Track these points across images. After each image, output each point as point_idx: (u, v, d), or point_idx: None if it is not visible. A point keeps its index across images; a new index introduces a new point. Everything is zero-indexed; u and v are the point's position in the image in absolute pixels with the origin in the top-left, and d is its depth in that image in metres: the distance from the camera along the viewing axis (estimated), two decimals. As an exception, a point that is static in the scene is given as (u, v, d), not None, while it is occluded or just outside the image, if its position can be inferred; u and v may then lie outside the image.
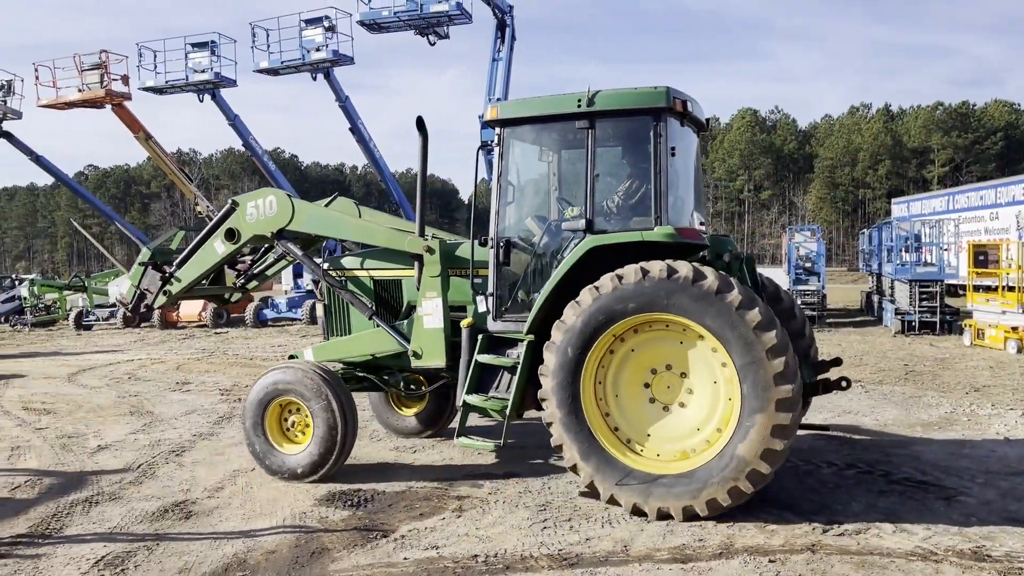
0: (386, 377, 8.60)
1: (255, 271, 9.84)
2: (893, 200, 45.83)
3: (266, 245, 9.31)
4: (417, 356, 7.84)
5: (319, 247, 11.73)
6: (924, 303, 21.08)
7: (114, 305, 28.89)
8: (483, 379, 7.25)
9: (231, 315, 28.31)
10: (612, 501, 6.56)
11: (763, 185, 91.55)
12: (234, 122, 28.37)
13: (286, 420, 7.87)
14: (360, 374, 8.47)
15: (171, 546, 6.13)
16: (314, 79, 26.98)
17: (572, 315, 6.55)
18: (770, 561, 5.57)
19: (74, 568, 5.72)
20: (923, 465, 8.04)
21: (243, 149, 31.09)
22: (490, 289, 7.36)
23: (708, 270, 6.31)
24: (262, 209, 8.27)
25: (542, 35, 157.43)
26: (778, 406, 6.09)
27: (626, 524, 6.41)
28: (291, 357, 8.55)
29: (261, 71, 27.42)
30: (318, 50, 26.05)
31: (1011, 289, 18.17)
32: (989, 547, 5.79)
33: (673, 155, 6.90)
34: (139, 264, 9.05)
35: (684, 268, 6.28)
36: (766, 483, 6.28)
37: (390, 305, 8.41)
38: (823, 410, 10.63)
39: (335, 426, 7.54)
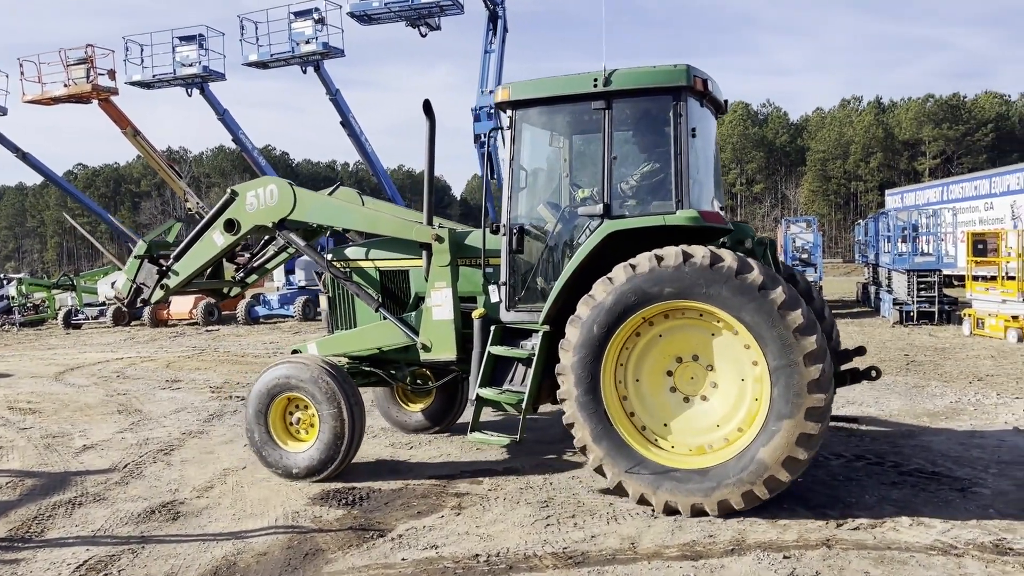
0: (393, 371, 8.25)
1: (254, 264, 9.49)
2: (887, 191, 45.78)
3: (266, 237, 8.99)
4: (426, 349, 7.56)
5: (320, 238, 11.39)
6: (922, 293, 20.89)
7: (103, 304, 28.55)
8: (497, 372, 6.95)
9: (222, 312, 27.96)
10: (619, 488, 6.32)
11: (755, 179, 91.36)
12: (223, 116, 27.98)
13: (291, 415, 7.56)
14: (367, 368, 8.14)
15: (157, 549, 5.86)
16: (304, 72, 26.63)
17: (602, 291, 6.24)
18: (784, 557, 5.34)
19: (54, 573, 5.45)
20: (933, 456, 7.82)
21: (234, 146, 30.70)
22: (503, 278, 7.07)
23: (753, 262, 6.02)
24: (263, 198, 7.95)
25: (535, 29, 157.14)
26: (808, 414, 5.80)
27: (632, 520, 6.17)
28: (295, 351, 8.23)
29: (250, 64, 27.04)
30: (308, 43, 25.67)
31: (1011, 278, 18.00)
32: (1010, 540, 5.56)
33: (694, 136, 6.60)
34: (135, 257, 8.70)
35: (729, 257, 5.97)
36: (781, 491, 6.03)
37: (397, 297, 8.10)
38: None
39: (341, 434, 7.22)
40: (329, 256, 8.33)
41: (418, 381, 8.81)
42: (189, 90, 28.08)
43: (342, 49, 26.23)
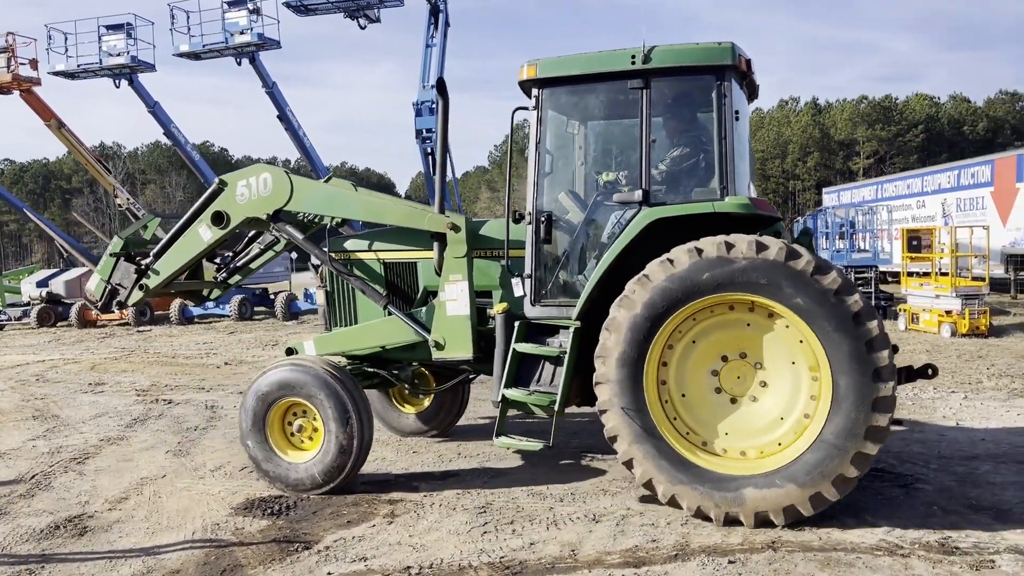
0: (396, 371, 7.67)
1: (238, 263, 8.73)
2: (824, 190, 46.60)
3: (251, 234, 8.32)
4: (439, 347, 6.98)
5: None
6: (859, 288, 21.16)
7: (27, 304, 27.28)
8: (521, 371, 6.44)
9: (155, 312, 26.96)
10: (672, 502, 5.84)
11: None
12: (154, 109, 26.99)
13: (290, 424, 6.92)
14: (369, 369, 7.51)
15: (59, 569, 5.39)
16: (239, 64, 25.88)
17: (642, 289, 5.76)
18: (730, 562, 5.13)
19: (-60, 599, 4.96)
20: (880, 454, 7.73)
21: (169, 142, 29.64)
22: (527, 271, 6.58)
23: (801, 248, 5.67)
24: (255, 188, 7.32)
25: (476, 27, 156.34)
26: (876, 405, 5.46)
27: (573, 525, 5.91)
28: (289, 351, 7.60)
29: (182, 55, 26.15)
30: (242, 33, 24.90)
31: (944, 274, 18.33)
32: (955, 538, 5.46)
33: (737, 119, 6.23)
34: (110, 255, 7.97)
35: (778, 245, 5.59)
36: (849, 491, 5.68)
37: (402, 291, 7.52)
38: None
39: (350, 443, 6.62)
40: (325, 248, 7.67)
41: (415, 382, 8.24)
42: (117, 81, 27.03)
43: (278, 41, 25.54)
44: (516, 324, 6.48)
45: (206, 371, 15.00)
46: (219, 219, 7.44)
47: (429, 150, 25.23)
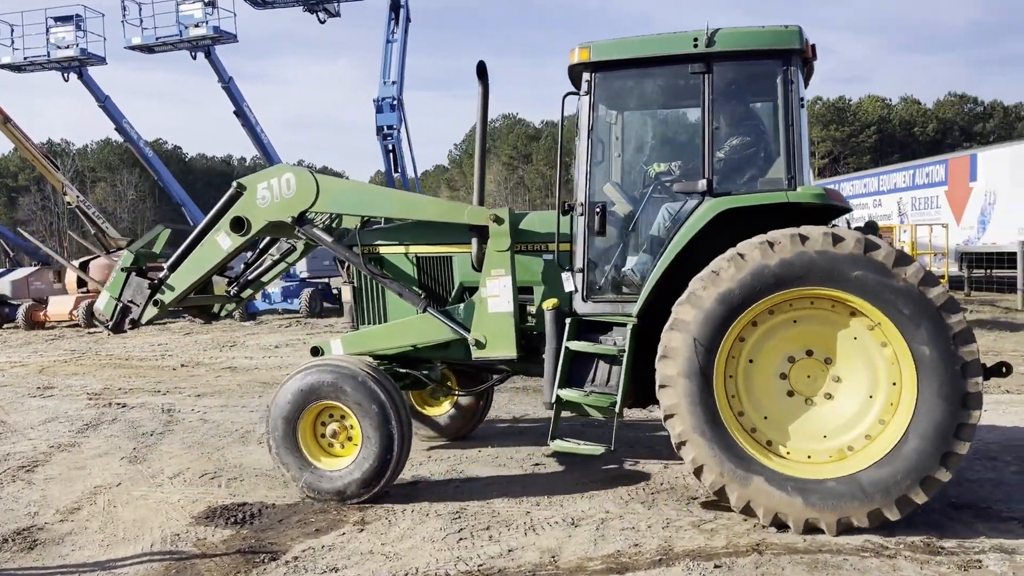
0: (426, 371, 7.30)
1: (249, 276, 8.19)
2: (781, 189, 47.14)
3: (264, 242, 7.85)
4: (480, 346, 6.63)
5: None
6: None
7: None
8: (572, 370, 6.15)
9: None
10: (747, 510, 5.55)
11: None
12: (104, 104, 26.22)
13: (323, 426, 6.54)
14: (401, 370, 7.11)
15: (6, 586, 5.05)
16: (194, 58, 25.25)
17: (712, 286, 5.48)
18: (716, 567, 4.99)
19: None
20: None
21: (121, 139, 28.83)
22: (578, 265, 6.30)
23: (879, 240, 5.43)
24: (277, 190, 6.87)
25: (436, 26, 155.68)
26: (965, 401, 5.23)
27: (551, 530, 5.72)
28: (315, 351, 7.20)
29: (134, 48, 25.48)
30: (197, 26, 24.31)
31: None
32: (939, 537, 5.38)
33: (803, 106, 6.03)
34: (120, 270, 7.39)
35: (855, 237, 5.36)
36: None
37: (434, 287, 7.16)
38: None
39: (390, 448, 6.26)
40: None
41: (447, 383, 7.93)
42: (66, 75, 26.23)
43: (234, 34, 25.01)
44: (567, 321, 6.20)
45: (162, 373, 14.52)
46: (239, 225, 6.97)
47: (390, 147, 24.90)
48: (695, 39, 5.98)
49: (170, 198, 29.59)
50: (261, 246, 8.15)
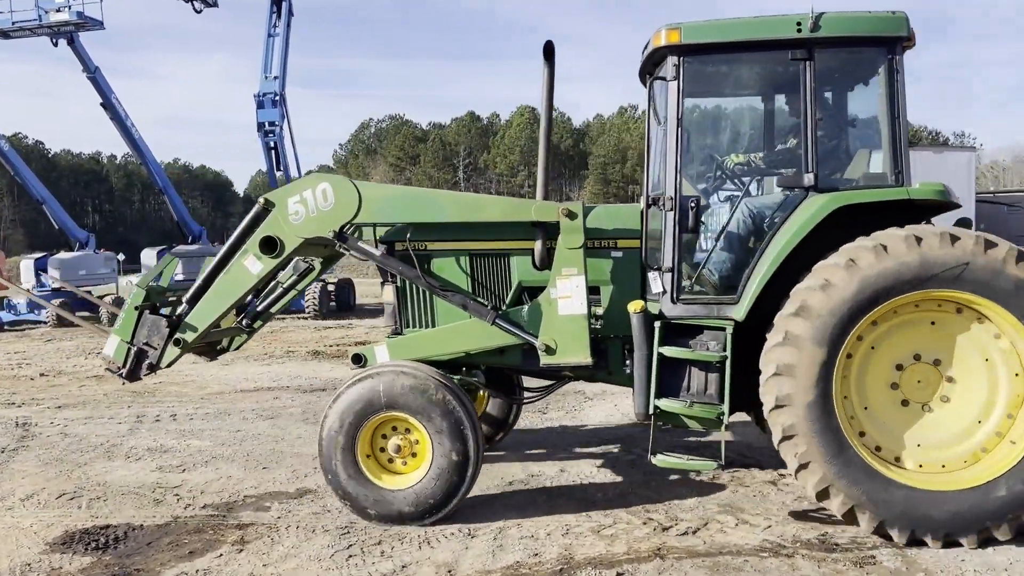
0: (474, 377, 6.80)
1: (258, 308, 7.44)
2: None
3: (292, 262, 6.92)
4: (550, 352, 6.03)
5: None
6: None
7: None
8: (665, 378, 5.71)
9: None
10: (880, 531, 5.18)
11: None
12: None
13: (385, 438, 5.91)
14: (458, 378, 6.41)
15: None
16: (55, 45, 23.50)
17: (823, 295, 5.11)
18: (618, 574, 4.84)
19: None
20: (739, 447, 7.77)
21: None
22: (667, 264, 5.80)
23: (997, 238, 5.16)
24: (312, 203, 6.10)
25: (319, 24, 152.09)
26: None
27: (447, 543, 5.44)
28: (356, 358, 6.40)
29: (-13, 33, 23.48)
30: (59, 11, 22.61)
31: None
32: (832, 534, 5.43)
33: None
34: (133, 309, 6.40)
35: (972, 236, 5.10)
36: None
37: (489, 287, 6.52)
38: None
39: (465, 462, 5.69)
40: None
41: (509, 389, 7.49)
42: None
43: (101, 21, 23.41)
44: (656, 325, 5.75)
45: (17, 383, 13.32)
46: (271, 246, 6.17)
47: (272, 144, 23.97)
48: (798, 23, 5.60)
49: (30, 197, 27.50)
50: (273, 267, 6.81)
